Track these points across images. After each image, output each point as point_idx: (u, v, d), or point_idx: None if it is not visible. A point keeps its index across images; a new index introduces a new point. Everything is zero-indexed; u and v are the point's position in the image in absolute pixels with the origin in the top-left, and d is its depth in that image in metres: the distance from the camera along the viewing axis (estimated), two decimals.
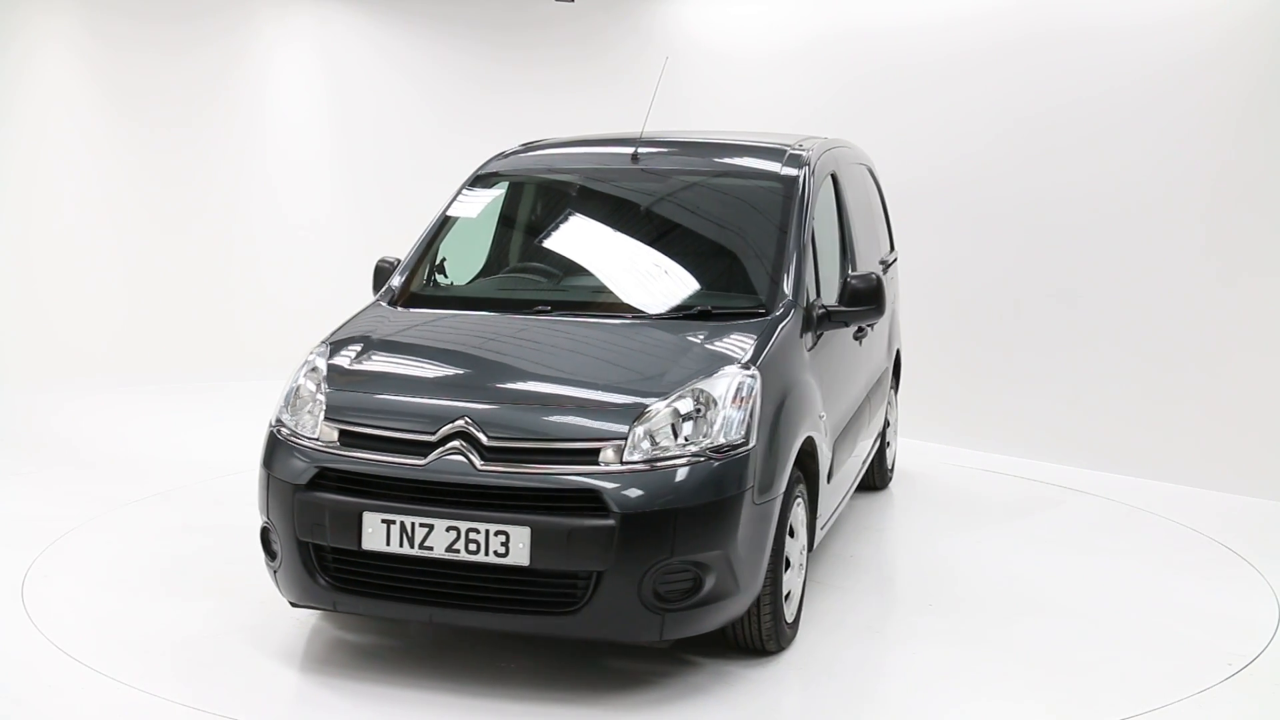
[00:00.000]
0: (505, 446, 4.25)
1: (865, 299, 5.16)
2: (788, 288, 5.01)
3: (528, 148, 6.17)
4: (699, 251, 5.47)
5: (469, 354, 4.87)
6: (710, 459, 4.25)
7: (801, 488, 4.85)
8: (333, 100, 11.19)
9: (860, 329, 5.88)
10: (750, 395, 4.43)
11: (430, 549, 4.21)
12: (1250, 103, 7.26)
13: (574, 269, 5.56)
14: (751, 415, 4.39)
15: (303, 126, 11.06)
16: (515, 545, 4.12)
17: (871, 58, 9.12)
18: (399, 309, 5.33)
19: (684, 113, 9.09)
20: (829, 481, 5.28)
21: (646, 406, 4.31)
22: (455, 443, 4.28)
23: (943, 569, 5.92)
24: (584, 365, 4.68)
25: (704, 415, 4.33)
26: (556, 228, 5.78)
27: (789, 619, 4.78)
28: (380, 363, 4.78)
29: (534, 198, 5.99)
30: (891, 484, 7.39)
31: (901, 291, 7.71)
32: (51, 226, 10.17)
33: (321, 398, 4.61)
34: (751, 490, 4.31)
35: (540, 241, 5.78)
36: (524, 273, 5.70)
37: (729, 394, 4.39)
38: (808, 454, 4.93)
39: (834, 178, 5.96)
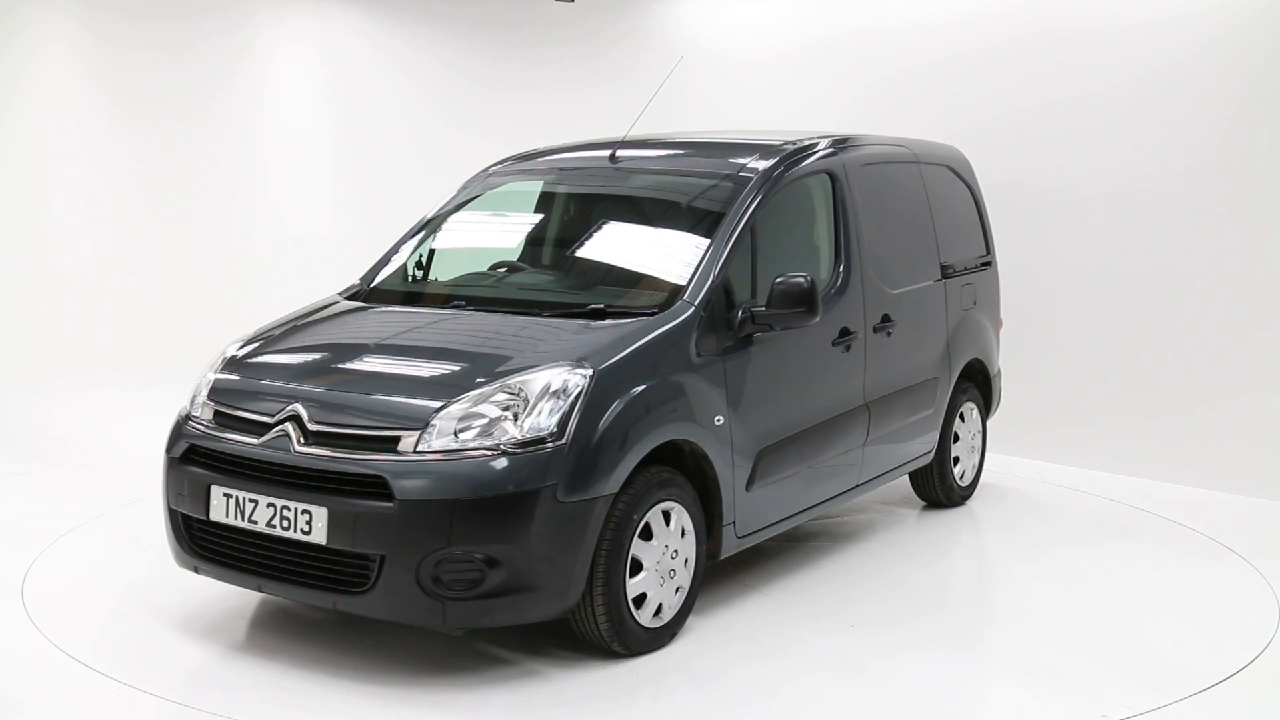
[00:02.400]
0: (324, 431, 4.48)
1: (790, 301, 5.05)
2: (690, 287, 5.01)
3: (520, 157, 6.41)
4: (633, 249, 5.58)
5: (345, 344, 5.10)
6: (506, 452, 4.30)
7: (677, 491, 4.77)
8: (333, 99, 11.20)
9: (845, 332, 5.70)
10: (571, 392, 4.44)
11: (255, 523, 4.50)
12: None
13: (517, 266, 5.85)
14: (570, 412, 4.41)
15: (303, 125, 11.07)
16: (316, 524, 4.35)
17: (871, 59, 9.11)
18: (345, 302, 5.63)
19: (681, 114, 9.08)
20: (749, 489, 5.15)
21: (455, 399, 4.42)
22: (286, 425, 4.55)
23: (915, 592, 5.61)
24: (434, 357, 4.85)
25: (514, 409, 4.39)
26: (522, 228, 6.04)
27: (648, 624, 4.71)
28: (269, 350, 5.13)
29: (514, 202, 6.19)
30: (971, 502, 7.05)
31: (981, 298, 7.10)
32: (50, 226, 10.18)
33: (210, 381, 5.02)
34: (554, 487, 4.31)
35: (504, 241, 6.06)
36: (489, 269, 5.89)
37: (545, 389, 4.43)
38: (704, 458, 4.91)
39: (831, 177, 5.86)
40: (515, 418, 4.37)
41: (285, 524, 4.43)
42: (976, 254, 7.05)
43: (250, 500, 4.52)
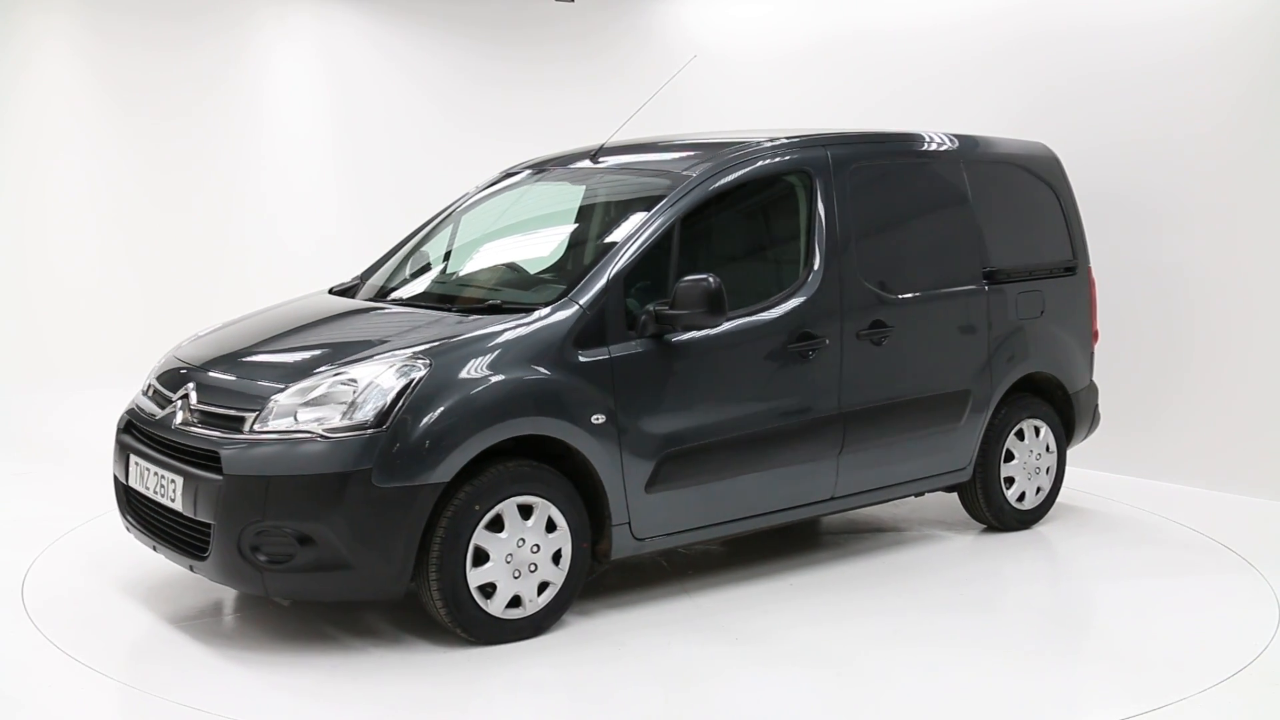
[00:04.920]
0: (201, 408, 4.86)
1: (693, 302, 4.98)
2: (577, 286, 5.04)
3: (526, 164, 6.48)
4: (563, 248, 5.67)
5: (264, 332, 5.38)
6: (325, 436, 4.53)
7: (541, 487, 4.81)
8: (332, 97, 11.21)
9: (808, 337, 5.49)
10: (399, 382, 4.61)
11: (148, 489, 4.93)
12: None
13: (468, 264, 6.01)
14: (396, 401, 4.57)
15: (302, 123, 11.07)
16: (177, 493, 4.74)
17: (876, 60, 9.11)
18: (315, 296, 5.98)
19: (688, 115, 9.10)
20: (650, 492, 5.08)
21: (291, 384, 4.70)
22: (177, 402, 4.95)
23: (845, 609, 5.32)
24: (314, 346, 5.11)
25: (345, 396, 4.61)
26: (492, 229, 6.14)
27: (501, 614, 4.77)
28: (213, 335, 5.53)
29: (503, 205, 6.29)
30: (1044, 525, 6.53)
31: (1056, 308, 6.54)
32: (49, 225, 10.18)
33: (161, 363, 5.44)
34: (369, 472, 4.48)
35: (474, 241, 6.13)
36: (455, 268, 6.03)
37: (375, 379, 4.63)
38: (586, 457, 4.91)
39: (808, 175, 5.69)
40: (346, 404, 4.58)
41: (162, 491, 4.84)
42: (1055, 260, 6.58)
43: (146, 468, 4.95)
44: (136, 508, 5.12)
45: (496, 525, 4.74)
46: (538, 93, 11.26)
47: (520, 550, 4.79)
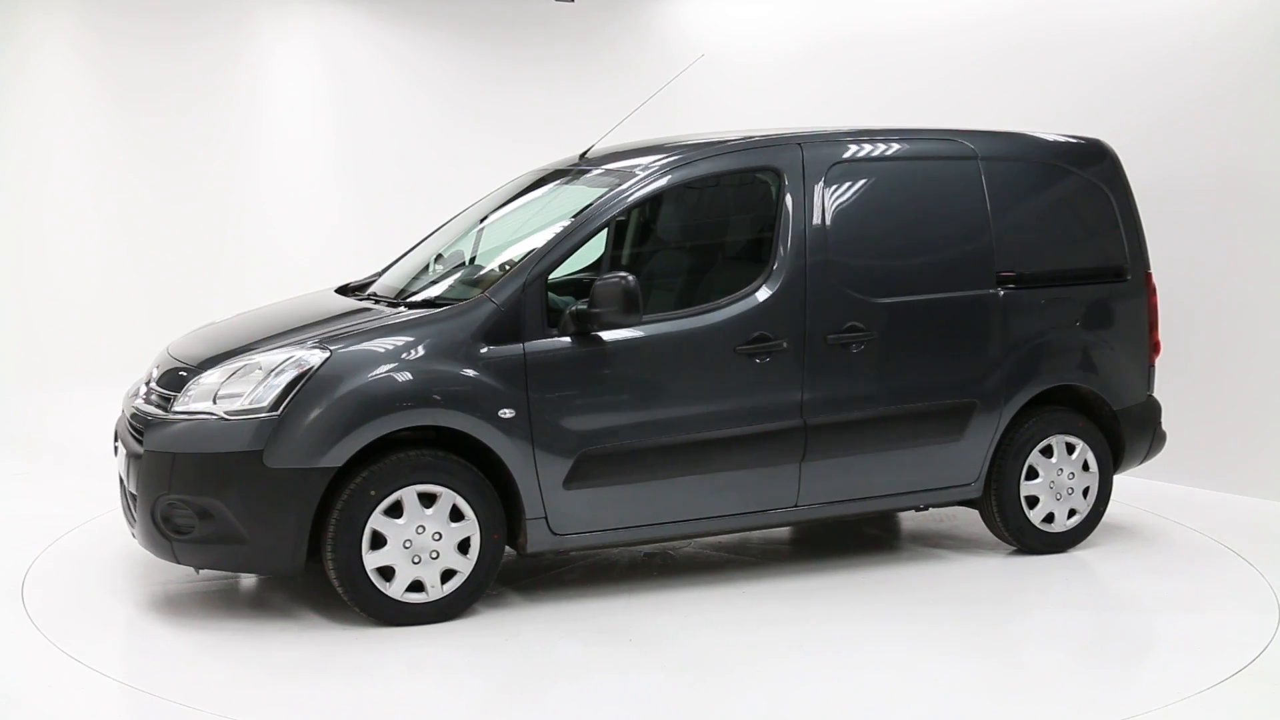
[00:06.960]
0: (155, 390, 5.21)
1: (607, 301, 5.03)
2: (495, 284, 5.16)
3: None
4: (517, 248, 5.65)
5: (238, 325, 5.59)
6: (223, 418, 4.86)
7: (445, 477, 4.90)
8: (332, 96, 11.22)
9: (762, 339, 5.33)
10: (298, 369, 4.87)
11: (118, 463, 5.31)
12: None
13: (446, 263, 6.00)
14: (291, 387, 4.82)
15: (302, 122, 11.08)
16: (123, 466, 5.15)
17: (878, 60, 9.10)
18: (313, 293, 6.20)
19: (680, 115, 9.09)
20: (569, 488, 5.08)
21: (208, 369, 5.03)
22: (146, 385, 5.31)
23: (778, 621, 5.16)
24: (255, 338, 5.25)
25: (247, 380, 4.90)
26: (476, 226, 6.13)
27: (402, 598, 4.92)
28: (209, 329, 5.76)
29: (513, 205, 6.16)
30: (1084, 549, 6.05)
31: (1096, 317, 6.07)
32: (49, 224, 10.18)
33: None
34: (260, 453, 4.77)
35: (461, 241, 6.13)
36: (437, 266, 6.03)
37: (277, 365, 4.91)
38: (500, 453, 4.99)
39: (777, 174, 5.51)
40: (249, 389, 4.87)
41: (121, 465, 5.21)
42: (1101, 264, 6.09)
43: (118, 445, 5.31)
44: (120, 488, 5.42)
45: (396, 511, 4.90)
46: (538, 93, 11.26)
47: (420, 537, 4.92)
